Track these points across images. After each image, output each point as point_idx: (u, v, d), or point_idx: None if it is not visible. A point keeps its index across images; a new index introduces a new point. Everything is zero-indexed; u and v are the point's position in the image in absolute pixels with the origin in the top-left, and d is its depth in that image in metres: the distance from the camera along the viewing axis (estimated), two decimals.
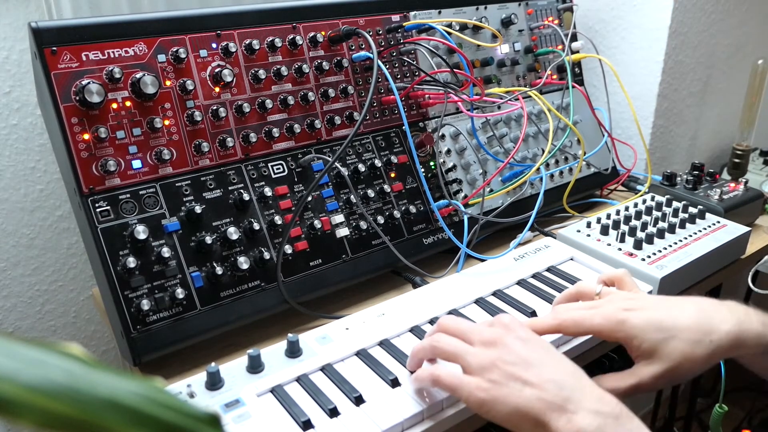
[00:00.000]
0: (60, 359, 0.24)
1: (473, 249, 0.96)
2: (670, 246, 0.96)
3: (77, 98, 0.74)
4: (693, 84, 1.43)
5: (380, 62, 0.95)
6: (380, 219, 0.93)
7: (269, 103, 0.87)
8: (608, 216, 1.04)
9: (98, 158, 0.76)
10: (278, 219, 0.84)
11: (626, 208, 1.07)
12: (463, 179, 1.05)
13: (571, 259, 0.95)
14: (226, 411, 0.63)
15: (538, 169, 1.08)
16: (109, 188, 0.76)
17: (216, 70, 0.83)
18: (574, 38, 1.25)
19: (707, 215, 1.05)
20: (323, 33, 0.94)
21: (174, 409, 0.25)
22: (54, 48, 0.74)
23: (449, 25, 1.05)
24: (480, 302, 0.84)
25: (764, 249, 1.11)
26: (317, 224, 0.87)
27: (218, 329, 0.79)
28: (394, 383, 0.68)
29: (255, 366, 0.69)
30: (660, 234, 0.98)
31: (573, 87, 1.17)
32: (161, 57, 0.80)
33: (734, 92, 1.55)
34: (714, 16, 1.40)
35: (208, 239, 0.78)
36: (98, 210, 0.75)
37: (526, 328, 0.63)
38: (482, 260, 0.94)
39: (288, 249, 0.84)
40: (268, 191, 0.85)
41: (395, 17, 1.02)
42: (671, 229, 1.00)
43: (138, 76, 0.77)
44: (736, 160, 1.36)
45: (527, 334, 0.62)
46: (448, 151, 1.05)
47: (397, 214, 0.95)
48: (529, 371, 0.57)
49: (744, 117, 1.36)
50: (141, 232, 0.74)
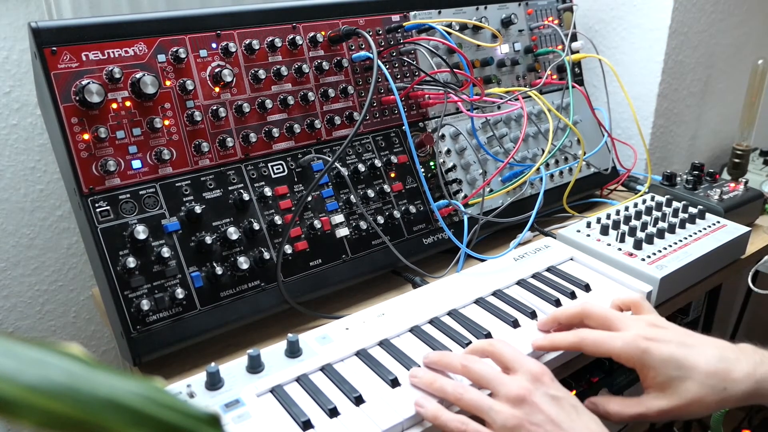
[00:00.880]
0: (60, 359, 0.24)
1: (473, 249, 0.96)
2: (670, 246, 0.96)
3: (77, 98, 0.74)
4: (693, 84, 1.43)
5: (380, 62, 0.95)
6: (380, 219, 0.93)
7: (269, 103, 0.87)
8: (608, 216, 1.04)
9: (98, 158, 0.76)
10: (278, 219, 0.84)
11: (626, 208, 1.07)
12: (463, 179, 1.05)
13: (571, 259, 0.95)
14: (226, 411, 0.63)
15: (538, 169, 1.08)
16: (109, 188, 0.76)
17: (216, 70, 0.83)
18: (574, 38, 1.25)
19: (707, 215, 1.05)
20: (323, 33, 0.94)
21: (174, 409, 0.25)
22: (54, 48, 0.74)
23: (449, 25, 1.05)
24: (480, 302, 0.84)
25: (764, 249, 1.11)
26: (317, 224, 0.87)
27: (218, 329, 0.79)
28: (394, 383, 0.68)
29: (255, 366, 0.69)
30: (660, 234, 0.98)
31: (573, 87, 1.17)
32: (161, 57, 0.80)
33: (734, 92, 1.55)
34: (714, 16, 1.40)
35: (208, 239, 0.78)
36: (98, 210, 0.75)
37: (555, 381, 0.62)
38: (482, 260, 0.94)
39: (288, 249, 0.84)
40: (268, 191, 0.85)
41: (395, 17, 1.02)
42: (671, 229, 1.00)
43: (138, 76, 0.77)
44: (736, 160, 1.36)
45: (556, 390, 0.61)
46: (448, 151, 1.05)
47: (397, 214, 0.95)
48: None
49: (744, 117, 1.36)
50: (141, 232, 0.74)
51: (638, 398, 0.66)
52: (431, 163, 1.02)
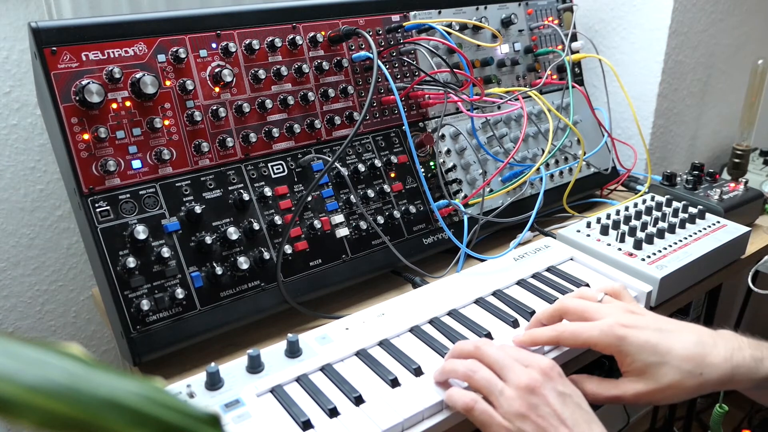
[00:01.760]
0: (60, 359, 0.24)
1: (473, 249, 0.96)
2: (670, 246, 0.96)
3: (77, 98, 0.74)
4: (693, 84, 1.43)
5: (380, 62, 0.95)
6: (380, 219, 0.93)
7: (269, 103, 0.87)
8: (608, 216, 1.04)
9: (98, 158, 0.76)
10: (278, 219, 0.84)
11: (626, 208, 1.07)
12: (463, 179, 1.05)
13: (571, 259, 0.95)
14: (226, 411, 0.63)
15: (538, 169, 1.08)
16: (109, 188, 0.76)
17: (216, 70, 0.83)
18: (574, 38, 1.25)
19: (707, 215, 1.05)
20: (323, 33, 0.94)
21: (174, 409, 0.25)
22: (54, 48, 0.74)
23: (449, 25, 1.05)
24: (480, 302, 0.84)
25: (764, 249, 1.11)
26: (317, 224, 0.87)
27: (218, 329, 0.79)
28: (394, 383, 0.68)
29: (255, 366, 0.69)
30: (660, 234, 0.98)
31: (573, 87, 1.17)
32: (161, 57, 0.80)
33: (734, 92, 1.55)
34: (714, 16, 1.40)
35: (208, 239, 0.78)
36: (98, 210, 0.75)
37: (564, 379, 0.63)
38: (482, 260, 0.94)
39: (288, 249, 0.84)
40: (268, 191, 0.85)
41: (395, 17, 1.02)
42: (671, 229, 1.00)
43: (138, 76, 0.77)
44: (736, 160, 1.36)
45: (564, 387, 0.61)
46: (448, 151, 1.05)
47: (397, 214, 0.95)
48: (560, 430, 0.58)
49: (744, 117, 1.36)
50: (141, 232, 0.74)
51: (615, 381, 0.67)
52: (431, 163, 1.02)
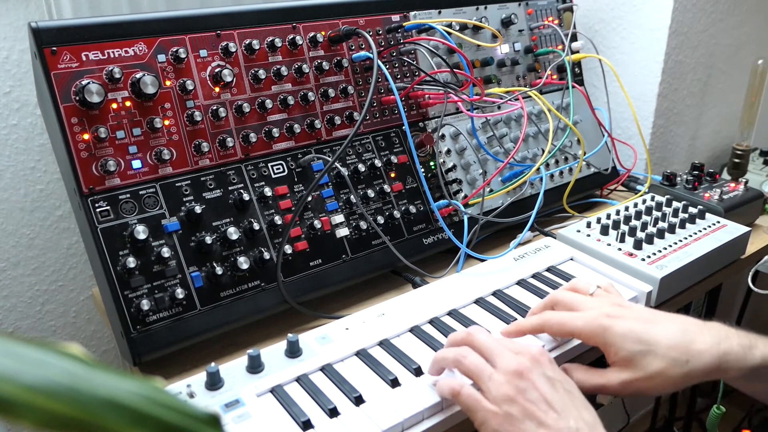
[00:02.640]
0: (60, 359, 0.24)
1: (473, 249, 0.96)
2: (670, 246, 0.96)
3: (77, 98, 0.74)
4: (693, 84, 1.43)
5: (380, 62, 0.95)
6: (380, 219, 0.93)
7: (269, 103, 0.87)
8: (608, 216, 1.04)
9: (98, 158, 0.76)
10: (278, 219, 0.84)
11: (626, 208, 1.07)
12: (463, 179, 1.05)
13: (571, 259, 0.95)
14: (226, 411, 0.63)
15: (538, 169, 1.08)
16: (109, 188, 0.76)
17: (216, 70, 0.83)
18: (574, 38, 1.25)
19: (707, 215, 1.05)
20: (323, 33, 0.94)
21: (174, 409, 0.25)
22: (54, 48, 0.74)
23: (449, 25, 1.05)
24: (480, 302, 0.84)
25: (764, 249, 1.11)
26: (317, 224, 0.87)
27: (218, 329, 0.79)
28: (394, 383, 0.68)
29: (255, 366, 0.69)
30: (660, 234, 0.98)
31: (573, 87, 1.17)
32: (161, 57, 0.80)
33: (734, 92, 1.55)
34: (714, 16, 1.40)
35: (208, 239, 0.78)
36: (98, 210, 0.75)
37: (555, 365, 0.63)
38: (482, 260, 0.94)
39: (288, 249, 0.84)
40: (268, 191, 0.85)
41: (395, 17, 1.02)
42: (671, 229, 1.00)
43: (138, 76, 0.77)
44: (736, 160, 1.36)
45: (554, 373, 0.61)
46: (448, 151, 1.05)
47: (397, 214, 0.95)
48: (548, 414, 0.57)
49: (744, 117, 1.36)
50: (141, 232, 0.74)
51: (602, 370, 0.67)
52: (431, 163, 1.02)
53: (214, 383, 0.66)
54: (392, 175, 0.98)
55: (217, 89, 0.84)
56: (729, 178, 1.30)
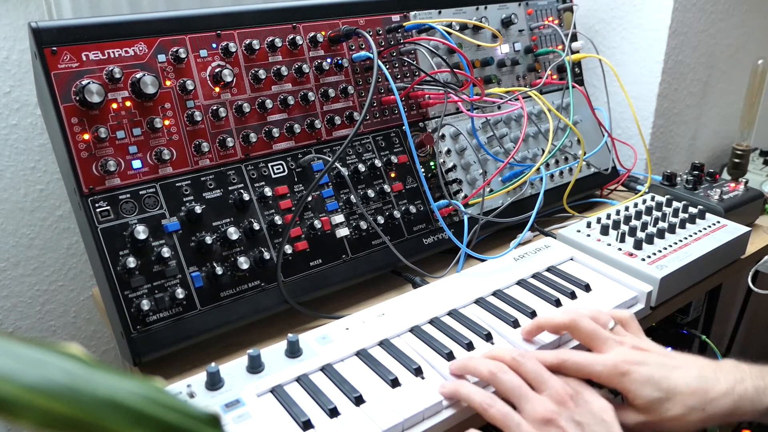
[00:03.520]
0: (60, 359, 0.24)
1: (473, 249, 0.96)
2: (670, 246, 0.96)
3: (77, 98, 0.74)
4: (693, 84, 1.43)
5: (380, 62, 0.95)
6: (380, 219, 0.93)
7: (269, 103, 0.87)
8: (608, 216, 1.04)
9: (98, 158, 0.76)
10: (278, 219, 0.84)
11: (626, 208, 1.07)
12: (463, 179, 1.05)
13: (571, 259, 0.95)
14: (226, 411, 0.63)
15: (538, 169, 1.08)
16: (109, 188, 0.76)
17: (216, 70, 0.83)
18: (574, 38, 1.25)
19: (707, 215, 1.05)
20: (323, 33, 0.94)
21: (174, 409, 0.25)
22: (54, 48, 0.74)
23: (449, 25, 1.05)
24: (480, 302, 0.84)
25: (764, 249, 1.11)
26: (317, 224, 0.87)
27: (218, 329, 0.79)
28: (394, 383, 0.68)
29: (255, 366, 0.69)
30: (660, 234, 0.98)
31: (573, 87, 1.17)
32: (161, 57, 0.80)
33: (734, 92, 1.55)
34: (714, 16, 1.40)
35: (208, 239, 0.78)
36: (98, 210, 0.75)
37: (582, 405, 0.62)
38: (482, 260, 0.94)
39: (288, 249, 0.84)
40: (268, 191, 0.85)
41: (395, 17, 1.02)
42: (671, 229, 1.00)
43: (138, 76, 0.77)
44: (736, 160, 1.36)
45: (581, 416, 0.61)
46: (448, 151, 1.05)
47: (397, 214, 0.95)
48: None
49: (744, 117, 1.36)
50: (141, 232, 0.74)
51: (621, 407, 0.67)
52: (431, 163, 1.02)
53: (214, 383, 0.66)
54: (392, 175, 0.98)
55: (217, 89, 0.84)
56: (729, 178, 1.30)
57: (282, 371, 0.69)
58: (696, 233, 1.00)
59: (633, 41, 1.36)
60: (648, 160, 1.25)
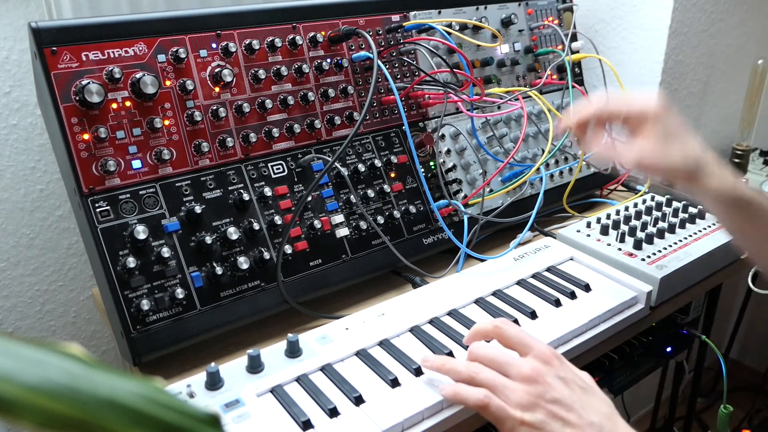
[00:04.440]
0: (60, 359, 0.24)
1: (473, 249, 0.96)
2: (670, 246, 0.96)
3: (77, 98, 0.74)
4: (693, 84, 1.43)
5: (380, 62, 0.95)
6: (380, 219, 0.93)
7: (269, 103, 0.87)
8: (608, 216, 1.04)
9: (98, 158, 0.76)
10: (278, 219, 0.84)
11: (626, 208, 1.07)
12: (463, 179, 1.05)
13: (571, 259, 0.95)
14: (226, 411, 0.63)
15: (538, 169, 1.08)
16: (109, 188, 0.76)
17: (216, 70, 0.83)
18: (574, 38, 1.25)
19: (707, 215, 1.05)
20: (323, 33, 0.94)
21: (174, 409, 0.25)
22: (54, 48, 0.74)
23: (449, 25, 1.05)
24: (480, 302, 0.84)
25: None
26: (317, 224, 0.87)
27: (218, 329, 0.79)
28: (394, 383, 0.68)
29: (255, 366, 0.69)
30: (660, 234, 0.98)
31: (573, 87, 1.17)
32: (161, 57, 0.80)
33: (734, 92, 1.55)
34: (714, 16, 1.40)
35: (208, 239, 0.78)
36: (98, 210, 0.75)
37: (564, 363, 0.63)
38: (482, 260, 0.94)
39: (288, 249, 0.84)
40: (268, 191, 0.85)
41: (395, 17, 1.02)
42: (671, 229, 1.00)
43: (138, 76, 0.77)
44: (736, 160, 1.36)
45: (565, 372, 0.62)
46: (448, 151, 1.05)
47: (397, 214, 0.95)
48: (570, 413, 0.59)
49: (744, 117, 1.36)
50: (141, 232, 0.74)
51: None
52: (431, 163, 1.02)
53: (214, 383, 0.66)
54: (392, 175, 0.98)
55: (217, 89, 0.84)
56: None
57: (282, 371, 0.69)
58: (696, 233, 1.00)
59: (633, 41, 1.36)
60: None
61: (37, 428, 0.22)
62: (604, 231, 0.99)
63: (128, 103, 0.78)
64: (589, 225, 1.02)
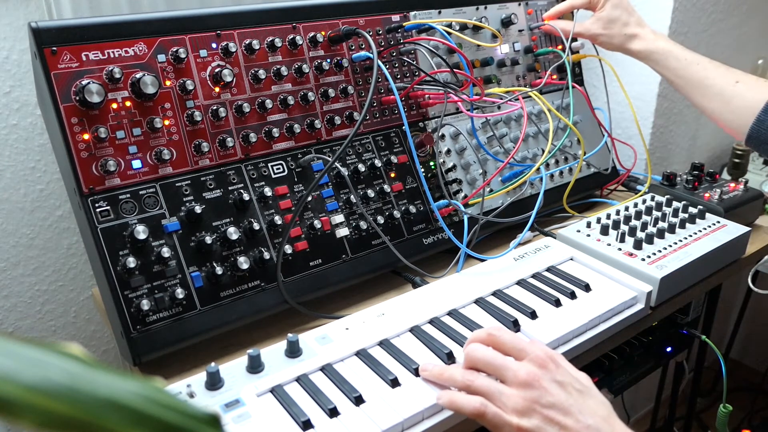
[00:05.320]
0: (60, 359, 0.24)
1: (473, 249, 0.96)
2: (670, 246, 0.96)
3: (77, 98, 0.74)
4: None
5: (380, 62, 0.95)
6: (380, 219, 0.93)
7: (269, 103, 0.87)
8: (608, 216, 1.04)
9: (98, 158, 0.76)
10: (278, 219, 0.84)
11: (626, 208, 1.07)
12: (463, 179, 1.05)
13: (571, 259, 0.95)
14: (226, 411, 0.63)
15: (538, 169, 1.08)
16: (109, 188, 0.76)
17: (216, 70, 0.83)
18: (574, 38, 1.25)
19: (707, 215, 1.05)
20: (323, 33, 0.94)
21: (174, 409, 0.25)
22: (54, 48, 0.74)
23: (449, 25, 1.05)
24: (480, 302, 0.84)
25: (764, 249, 1.11)
26: (317, 224, 0.87)
27: (218, 329, 0.79)
28: (394, 383, 0.68)
29: (255, 366, 0.69)
30: (660, 234, 0.98)
31: (573, 87, 1.17)
32: (161, 57, 0.80)
33: None
34: (714, 16, 1.40)
35: (208, 239, 0.78)
36: (98, 210, 0.75)
37: (562, 367, 0.63)
38: (482, 260, 0.94)
39: (288, 249, 0.84)
40: (268, 191, 0.85)
41: (395, 17, 1.02)
42: (671, 229, 1.00)
43: (138, 76, 0.77)
44: (736, 160, 1.36)
45: (562, 376, 0.62)
46: (448, 151, 1.05)
47: (397, 214, 0.95)
48: (567, 417, 0.58)
49: None
50: (141, 232, 0.74)
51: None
52: (431, 163, 1.02)
53: (214, 383, 0.66)
54: (392, 175, 0.98)
55: (217, 89, 0.84)
56: (729, 178, 1.30)
57: (282, 371, 0.69)
58: (696, 233, 1.00)
59: None
60: (648, 160, 1.25)
61: (37, 428, 0.22)
62: (604, 231, 0.99)
63: (128, 103, 0.78)
64: (589, 225, 1.02)
